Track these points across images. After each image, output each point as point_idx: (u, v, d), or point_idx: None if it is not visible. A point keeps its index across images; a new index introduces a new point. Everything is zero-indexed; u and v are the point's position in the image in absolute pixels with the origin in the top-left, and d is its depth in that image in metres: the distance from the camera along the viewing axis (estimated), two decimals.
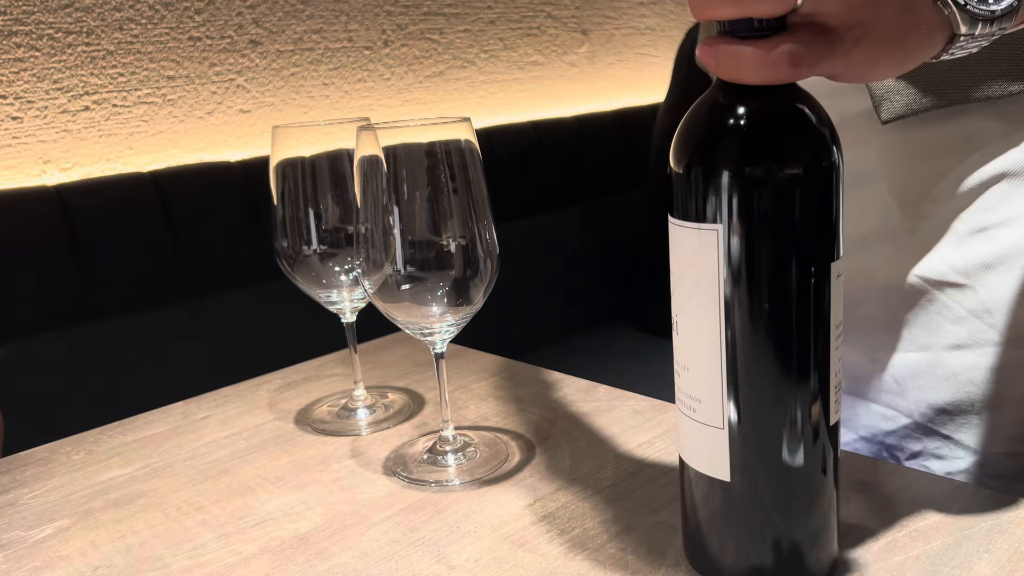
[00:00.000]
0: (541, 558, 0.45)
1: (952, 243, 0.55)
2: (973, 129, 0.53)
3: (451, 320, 0.53)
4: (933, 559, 0.42)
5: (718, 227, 0.36)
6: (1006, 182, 0.53)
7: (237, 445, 0.63)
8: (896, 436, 0.60)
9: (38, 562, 0.50)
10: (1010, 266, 0.53)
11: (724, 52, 0.34)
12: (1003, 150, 0.52)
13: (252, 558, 0.48)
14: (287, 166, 0.62)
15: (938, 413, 0.57)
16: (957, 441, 0.57)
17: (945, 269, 0.55)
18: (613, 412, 0.63)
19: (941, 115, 0.53)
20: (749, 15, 0.34)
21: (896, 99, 0.52)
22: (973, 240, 0.54)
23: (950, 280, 0.55)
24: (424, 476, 0.55)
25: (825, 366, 0.38)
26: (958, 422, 0.56)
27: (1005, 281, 0.53)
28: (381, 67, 1.67)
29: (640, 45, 2.19)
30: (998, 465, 0.56)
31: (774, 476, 0.38)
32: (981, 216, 0.54)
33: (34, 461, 0.63)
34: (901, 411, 0.59)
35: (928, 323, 0.56)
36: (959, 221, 0.54)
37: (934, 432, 0.58)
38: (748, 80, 0.34)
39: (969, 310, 0.54)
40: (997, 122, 0.52)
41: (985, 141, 0.53)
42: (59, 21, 1.26)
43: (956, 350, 0.55)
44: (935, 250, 0.55)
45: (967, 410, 0.56)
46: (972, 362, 0.55)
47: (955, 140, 0.54)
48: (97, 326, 1.22)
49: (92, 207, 1.22)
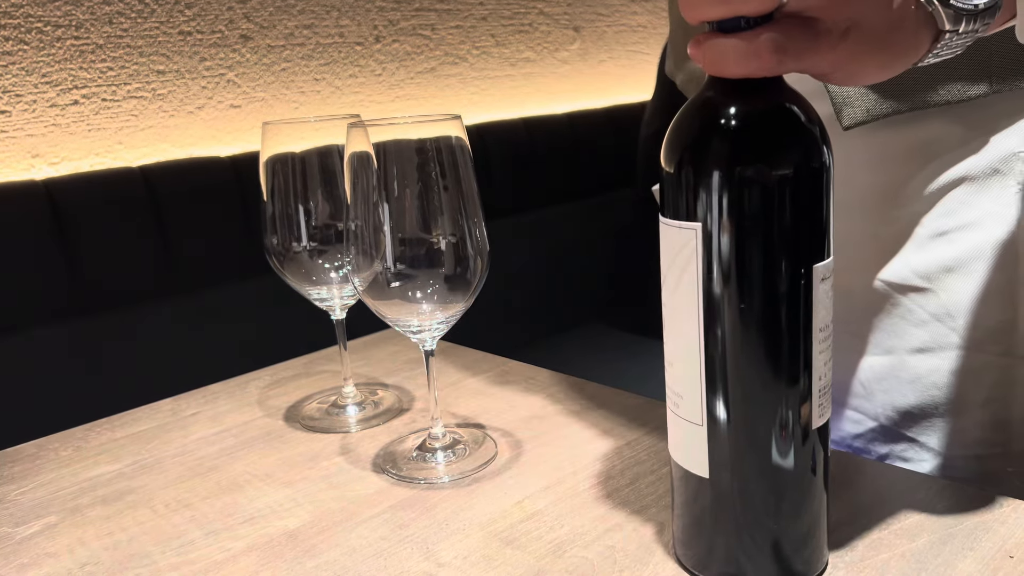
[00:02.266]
0: (530, 555, 0.45)
1: (914, 247, 0.55)
2: (933, 134, 0.54)
3: (441, 318, 0.53)
4: (918, 557, 0.42)
5: (696, 225, 0.36)
6: (966, 186, 0.53)
7: (226, 442, 0.63)
8: (863, 439, 0.60)
9: (25, 559, 0.49)
10: (970, 269, 0.53)
11: (710, 45, 0.35)
12: (963, 156, 0.53)
13: (240, 555, 0.48)
14: (277, 162, 0.61)
15: (903, 416, 0.57)
16: (922, 444, 0.57)
17: (908, 273, 0.56)
18: (602, 409, 0.64)
19: (901, 121, 0.54)
20: (737, 14, 0.34)
21: (857, 105, 0.53)
22: (934, 244, 0.54)
23: (912, 284, 0.55)
24: (413, 473, 0.55)
25: (805, 368, 0.37)
26: (923, 425, 0.57)
27: (965, 284, 0.54)
28: (372, 63, 1.66)
29: (632, 42, 2.19)
30: (962, 468, 0.56)
31: (751, 475, 0.39)
32: (942, 220, 0.54)
33: (22, 457, 0.63)
34: (867, 414, 0.59)
35: (892, 327, 0.57)
36: (920, 225, 0.55)
37: (900, 435, 0.58)
38: (733, 72, 0.35)
39: (931, 314, 0.55)
40: (956, 127, 0.53)
41: (945, 146, 0.53)
42: (48, 15, 1.25)
43: (919, 354, 0.56)
44: (898, 254, 0.56)
45: (931, 413, 0.56)
46: (935, 365, 0.55)
47: (916, 146, 0.54)
48: (85, 322, 1.22)
49: (81, 202, 1.22)
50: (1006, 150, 0.52)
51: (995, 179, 0.52)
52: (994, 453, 0.55)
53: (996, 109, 0.52)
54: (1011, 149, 0.52)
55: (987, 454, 0.55)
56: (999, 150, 0.52)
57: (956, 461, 0.56)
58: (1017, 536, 0.43)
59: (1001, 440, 0.54)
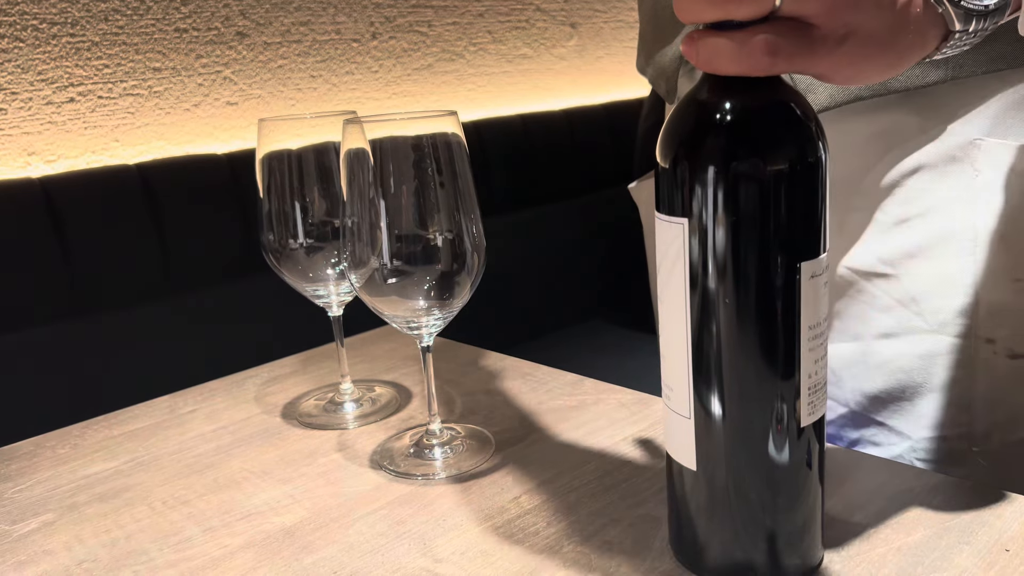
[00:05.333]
0: (527, 551, 0.45)
1: (877, 234, 0.56)
2: (892, 123, 0.55)
3: (437, 314, 0.53)
4: (914, 551, 0.42)
5: (683, 220, 0.37)
6: (925, 174, 0.54)
7: (223, 439, 0.63)
8: (835, 425, 0.62)
9: (22, 556, 0.49)
10: (932, 255, 0.55)
11: (704, 43, 0.35)
12: (922, 144, 0.54)
13: (238, 551, 0.48)
14: (273, 159, 0.61)
15: (872, 401, 0.59)
16: (891, 428, 0.58)
17: (872, 260, 0.57)
18: (599, 406, 0.64)
19: (862, 109, 0.55)
20: (730, 18, 0.34)
21: (820, 91, 0.54)
22: (897, 231, 0.56)
23: (877, 271, 0.56)
24: (411, 470, 0.55)
25: (791, 366, 0.37)
26: (891, 409, 0.58)
27: (928, 270, 0.55)
28: (369, 60, 1.66)
29: (629, 39, 2.19)
30: (929, 449, 0.57)
31: (738, 470, 0.39)
32: (903, 207, 0.55)
33: (19, 455, 0.63)
34: (838, 400, 0.61)
35: (858, 313, 0.58)
36: (883, 212, 0.56)
37: (870, 420, 0.59)
38: (726, 70, 0.34)
39: (896, 299, 0.56)
40: (915, 116, 0.54)
41: (905, 135, 0.54)
42: (43, 12, 1.25)
43: (885, 339, 0.57)
44: (862, 241, 0.57)
45: (899, 397, 0.57)
46: (901, 350, 0.56)
47: (876, 134, 0.55)
48: (82, 319, 1.21)
49: (77, 200, 1.22)
50: (964, 138, 0.53)
51: (953, 167, 0.53)
52: (959, 434, 0.56)
53: (954, 98, 0.53)
54: (968, 137, 0.53)
55: (952, 435, 0.56)
56: (957, 139, 0.53)
57: (922, 443, 0.57)
58: (1013, 530, 0.43)
59: (965, 421, 0.56)
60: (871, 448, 0.60)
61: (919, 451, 0.57)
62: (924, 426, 0.57)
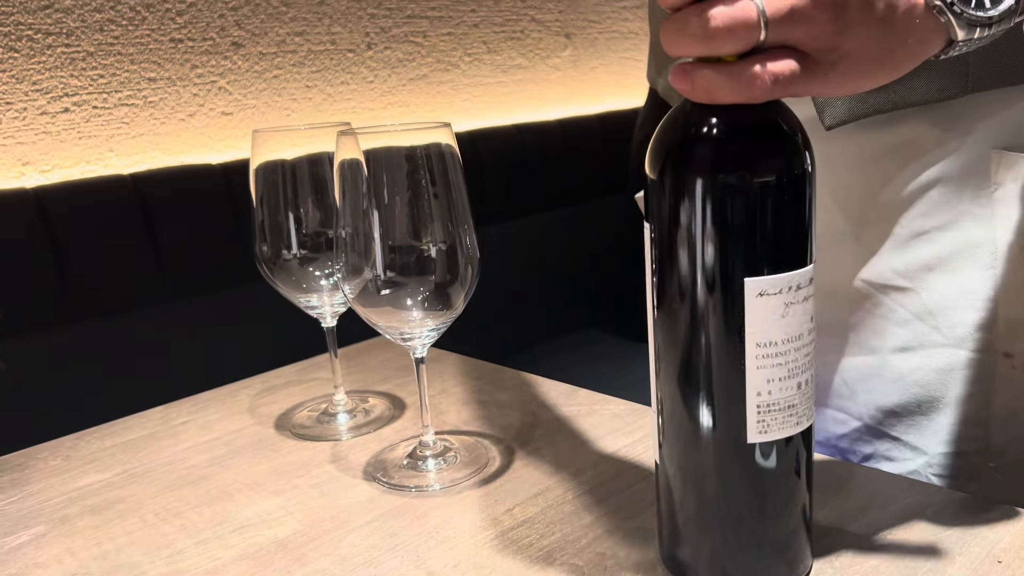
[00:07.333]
0: (520, 563, 0.45)
1: (895, 247, 0.56)
2: (910, 136, 0.54)
3: (431, 325, 0.53)
4: (907, 562, 0.42)
5: (649, 228, 0.38)
6: (943, 187, 0.54)
7: (216, 450, 0.63)
8: (848, 439, 0.61)
9: (13, 569, 0.49)
10: (950, 268, 0.54)
11: (698, 76, 0.35)
12: (940, 157, 0.54)
13: (230, 564, 0.48)
14: (267, 170, 0.61)
15: (887, 415, 0.58)
16: (906, 443, 0.58)
17: (889, 273, 0.56)
18: (593, 416, 0.64)
19: (880, 122, 0.55)
20: (716, 54, 0.34)
21: (838, 105, 0.54)
22: (914, 244, 0.55)
23: (894, 284, 0.56)
24: (404, 481, 0.55)
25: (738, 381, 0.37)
26: (906, 423, 0.57)
27: (946, 284, 0.54)
28: (364, 70, 1.66)
29: (623, 49, 2.20)
30: (945, 465, 0.57)
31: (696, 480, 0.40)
32: (921, 220, 0.55)
33: (10, 467, 0.63)
34: (852, 414, 0.60)
35: (874, 327, 0.58)
36: (900, 226, 0.56)
37: (884, 434, 0.59)
38: (725, 100, 0.35)
39: (913, 313, 0.56)
40: (933, 128, 0.54)
41: (922, 148, 0.54)
42: (38, 22, 1.25)
43: (902, 352, 0.56)
44: (879, 254, 0.57)
45: (914, 411, 0.57)
46: (917, 364, 0.56)
47: (894, 147, 0.55)
48: (76, 330, 1.21)
49: (72, 210, 1.21)
50: (982, 151, 0.53)
51: (971, 180, 0.53)
52: (975, 449, 0.56)
53: (972, 111, 0.52)
54: (987, 150, 0.52)
55: (969, 450, 0.56)
56: (975, 152, 0.53)
57: (938, 458, 0.57)
58: (1005, 541, 0.43)
59: (982, 436, 0.55)
60: (885, 464, 0.59)
61: (935, 466, 0.57)
62: (940, 441, 0.56)
